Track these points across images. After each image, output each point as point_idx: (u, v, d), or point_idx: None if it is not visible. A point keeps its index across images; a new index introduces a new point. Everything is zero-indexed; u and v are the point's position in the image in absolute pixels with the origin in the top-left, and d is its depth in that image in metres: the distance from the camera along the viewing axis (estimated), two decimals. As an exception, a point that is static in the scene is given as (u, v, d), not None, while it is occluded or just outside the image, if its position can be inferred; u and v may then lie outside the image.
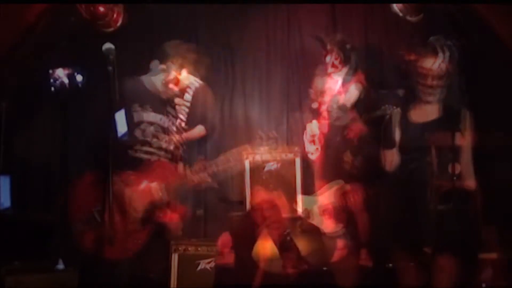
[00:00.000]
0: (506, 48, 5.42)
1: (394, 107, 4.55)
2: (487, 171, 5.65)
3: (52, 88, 5.35)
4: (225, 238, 4.99)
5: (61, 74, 5.48)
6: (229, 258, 4.91)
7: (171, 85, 3.84)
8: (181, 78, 4.67)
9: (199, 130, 4.88)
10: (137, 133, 3.50)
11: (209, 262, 4.82)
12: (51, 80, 5.36)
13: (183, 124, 4.88)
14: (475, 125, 5.60)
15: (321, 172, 5.42)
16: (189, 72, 4.47)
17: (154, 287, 4.59)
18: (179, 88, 5.03)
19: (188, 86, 5.37)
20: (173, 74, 3.90)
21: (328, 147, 5.38)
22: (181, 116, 5.38)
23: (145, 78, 3.91)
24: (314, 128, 5.53)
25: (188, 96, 5.43)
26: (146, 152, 3.46)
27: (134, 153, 3.55)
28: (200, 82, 5.55)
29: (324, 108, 5.55)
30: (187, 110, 5.25)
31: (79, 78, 5.46)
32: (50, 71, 5.55)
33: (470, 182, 4.95)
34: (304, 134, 5.88)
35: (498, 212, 5.42)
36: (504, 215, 5.36)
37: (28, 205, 5.52)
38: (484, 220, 5.45)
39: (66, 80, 5.46)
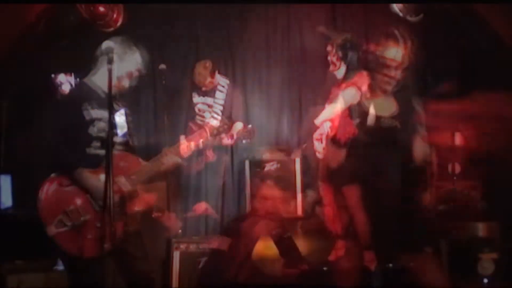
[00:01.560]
0: (506, 48, 5.42)
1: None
2: (487, 171, 5.68)
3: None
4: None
5: (62, 79, 5.62)
6: None
7: (125, 80, 3.81)
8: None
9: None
10: (91, 130, 3.58)
11: (272, 165, 5.28)
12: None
13: (216, 122, 5.04)
14: (476, 126, 5.64)
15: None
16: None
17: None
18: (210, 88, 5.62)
19: (218, 84, 5.66)
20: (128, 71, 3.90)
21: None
22: (215, 115, 5.62)
23: (88, 78, 3.92)
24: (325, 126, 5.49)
25: (220, 95, 5.62)
26: (102, 148, 3.51)
27: (93, 150, 3.66)
28: (228, 81, 5.68)
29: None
30: (221, 108, 5.59)
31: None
32: (52, 76, 5.60)
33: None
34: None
35: (498, 211, 5.44)
36: (504, 214, 5.36)
37: (29, 204, 5.51)
38: (484, 220, 5.48)
39: (67, 86, 5.59)
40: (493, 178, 5.62)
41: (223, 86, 5.78)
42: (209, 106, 5.77)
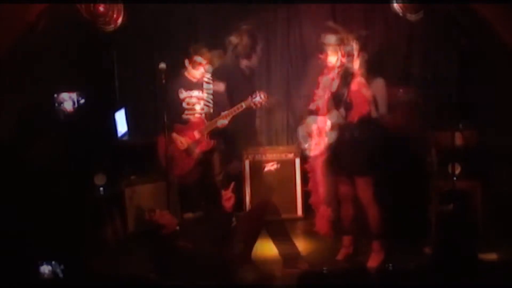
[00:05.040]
0: (506, 48, 5.41)
1: None
2: (487, 171, 5.67)
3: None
4: None
5: (65, 97, 5.93)
6: None
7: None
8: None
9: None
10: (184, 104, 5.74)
11: (272, 165, 6.17)
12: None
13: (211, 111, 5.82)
14: (477, 126, 5.64)
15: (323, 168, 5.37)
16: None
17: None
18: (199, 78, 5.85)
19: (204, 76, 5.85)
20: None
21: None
22: (209, 104, 5.84)
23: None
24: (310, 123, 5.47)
25: (208, 85, 5.84)
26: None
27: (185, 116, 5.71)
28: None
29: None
30: (211, 97, 5.82)
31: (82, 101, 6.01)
32: (55, 95, 5.91)
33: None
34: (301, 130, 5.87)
35: (498, 212, 5.44)
36: (504, 215, 5.37)
37: (140, 130, 6.37)
38: (484, 220, 5.49)
39: (70, 103, 5.98)
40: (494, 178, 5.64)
41: (208, 78, 5.84)
42: (198, 98, 5.83)
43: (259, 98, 5.69)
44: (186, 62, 5.80)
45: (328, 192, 5.48)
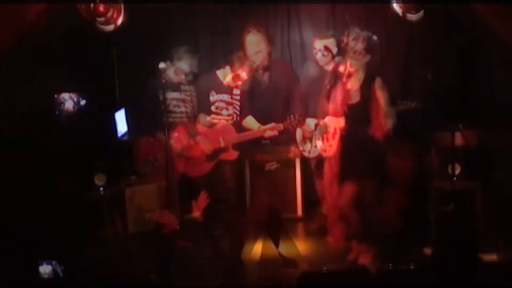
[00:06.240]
0: (506, 48, 5.41)
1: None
2: (487, 171, 5.68)
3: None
4: None
5: (66, 97, 5.92)
6: None
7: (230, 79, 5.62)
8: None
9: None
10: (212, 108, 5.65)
11: (272, 165, 6.21)
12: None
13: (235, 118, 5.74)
14: (477, 126, 5.65)
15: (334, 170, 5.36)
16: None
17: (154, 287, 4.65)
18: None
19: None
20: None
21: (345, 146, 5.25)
22: (236, 111, 5.73)
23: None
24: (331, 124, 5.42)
25: (237, 91, 5.74)
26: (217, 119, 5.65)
27: (212, 120, 5.62)
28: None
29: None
30: (239, 103, 5.73)
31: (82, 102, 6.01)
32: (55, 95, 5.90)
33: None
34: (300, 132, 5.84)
35: (498, 212, 5.45)
36: (504, 215, 5.37)
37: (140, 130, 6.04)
38: (484, 220, 5.49)
39: (70, 103, 5.97)
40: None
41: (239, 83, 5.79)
42: (227, 103, 5.76)
43: (297, 121, 5.52)
44: (227, 69, 5.69)
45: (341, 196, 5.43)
